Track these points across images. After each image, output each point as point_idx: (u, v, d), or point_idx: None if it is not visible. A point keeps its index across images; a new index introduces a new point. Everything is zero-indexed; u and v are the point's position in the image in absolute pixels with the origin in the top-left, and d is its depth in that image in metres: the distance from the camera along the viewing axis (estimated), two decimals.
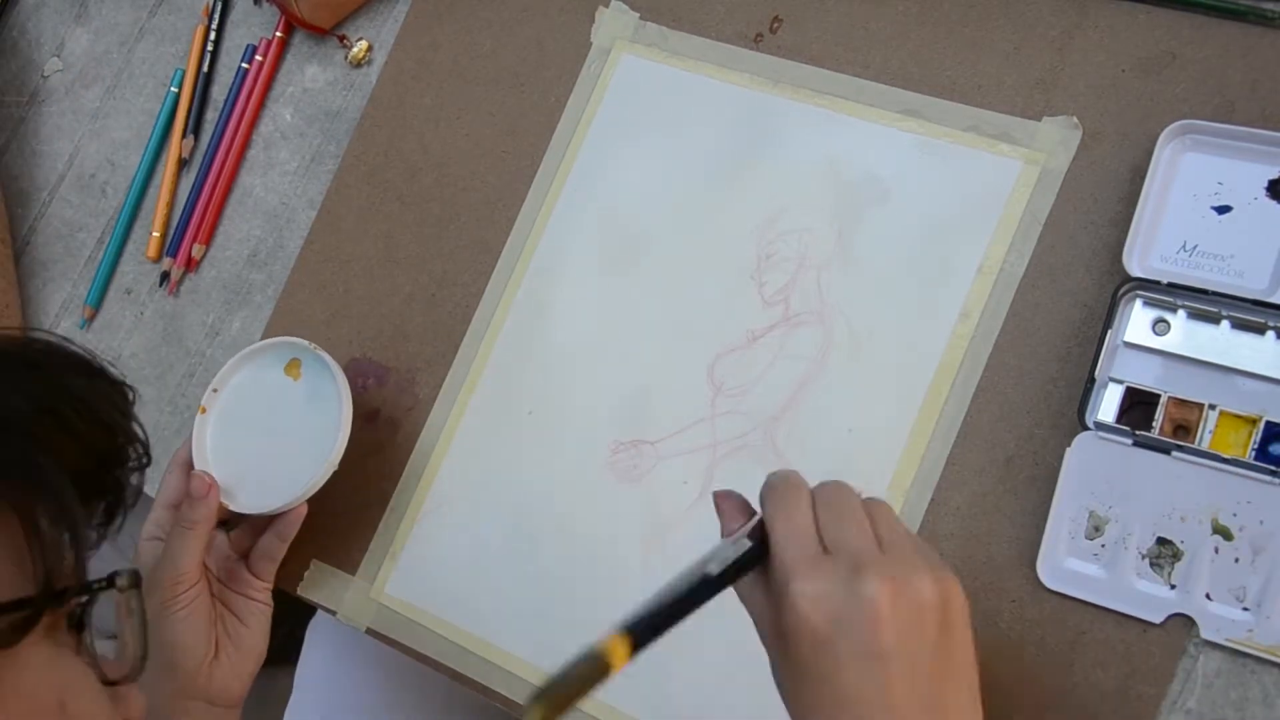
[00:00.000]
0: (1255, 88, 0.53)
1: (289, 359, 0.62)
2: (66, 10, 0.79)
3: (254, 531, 0.61)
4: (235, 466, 0.61)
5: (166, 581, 0.56)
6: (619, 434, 0.60)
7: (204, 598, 0.57)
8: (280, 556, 0.60)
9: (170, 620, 0.56)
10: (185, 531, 0.57)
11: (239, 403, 0.63)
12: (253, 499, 0.60)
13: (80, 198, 0.76)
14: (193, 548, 0.57)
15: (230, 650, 0.58)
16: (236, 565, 0.61)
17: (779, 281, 0.59)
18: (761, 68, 0.62)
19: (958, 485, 0.54)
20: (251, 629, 0.59)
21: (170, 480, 0.62)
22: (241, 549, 0.61)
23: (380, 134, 0.69)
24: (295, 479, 0.59)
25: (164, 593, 0.56)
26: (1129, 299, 0.52)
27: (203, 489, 0.58)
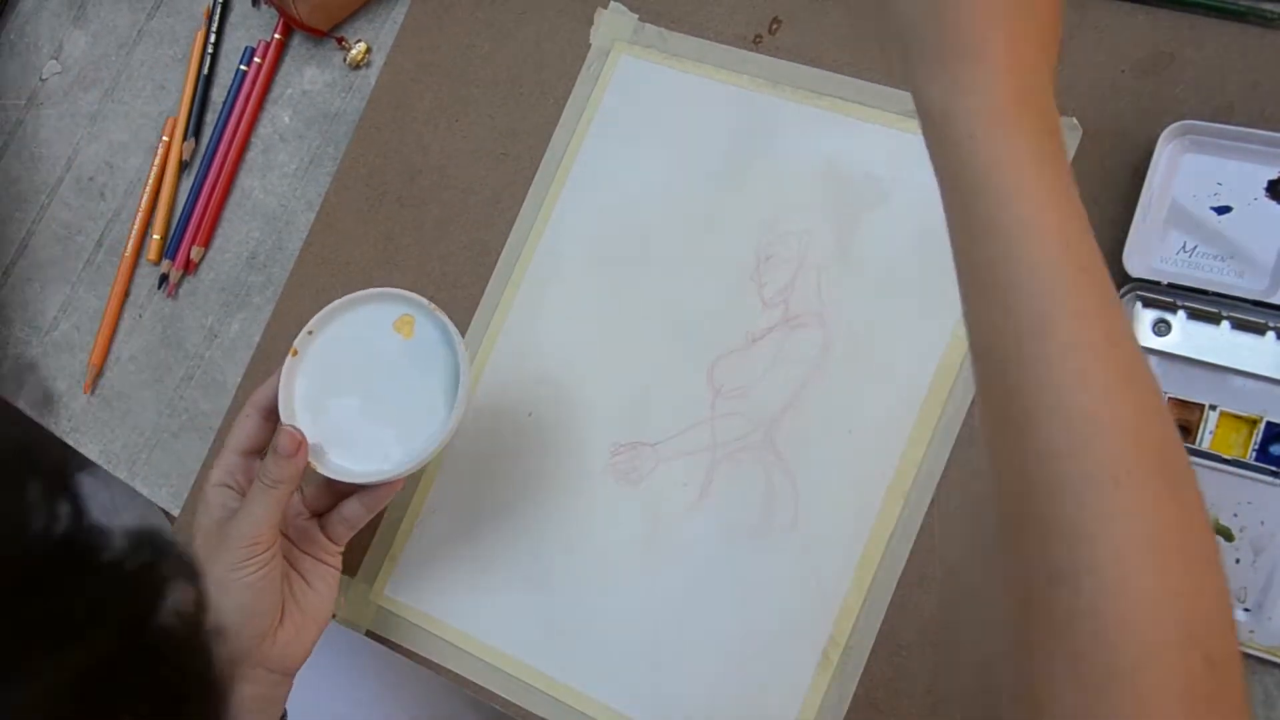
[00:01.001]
0: (1255, 88, 0.53)
1: (400, 314, 0.55)
2: (65, 13, 0.79)
3: (332, 493, 0.56)
4: (324, 423, 0.54)
5: (241, 542, 0.51)
6: (619, 436, 0.60)
7: (277, 560, 0.52)
8: (361, 524, 0.56)
9: (241, 584, 0.51)
10: (267, 490, 0.52)
11: (336, 352, 0.55)
12: (346, 463, 0.54)
13: (79, 200, 0.75)
14: (273, 509, 0.52)
15: (296, 615, 0.54)
16: (309, 524, 0.56)
17: (779, 282, 0.59)
18: (761, 69, 0.62)
19: (958, 485, 0.54)
20: (320, 593, 0.55)
21: (247, 425, 0.55)
22: (316, 507, 0.57)
23: (379, 136, 0.69)
24: (393, 449, 0.53)
25: (236, 553, 0.51)
26: (1129, 299, 0.52)
27: (292, 446, 0.52)
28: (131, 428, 0.70)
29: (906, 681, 0.53)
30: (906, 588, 0.54)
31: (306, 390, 0.55)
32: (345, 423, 0.54)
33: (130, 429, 0.70)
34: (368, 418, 0.54)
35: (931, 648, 0.53)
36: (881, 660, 0.53)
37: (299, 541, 0.56)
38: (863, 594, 0.54)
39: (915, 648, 0.53)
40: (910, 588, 0.54)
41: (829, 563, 0.55)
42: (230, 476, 0.55)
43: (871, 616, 0.54)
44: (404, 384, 0.54)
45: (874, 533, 0.55)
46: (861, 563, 0.54)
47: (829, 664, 0.54)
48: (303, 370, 0.55)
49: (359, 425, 0.54)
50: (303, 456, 0.53)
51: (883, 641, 0.53)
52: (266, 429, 0.56)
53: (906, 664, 0.53)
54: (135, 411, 0.71)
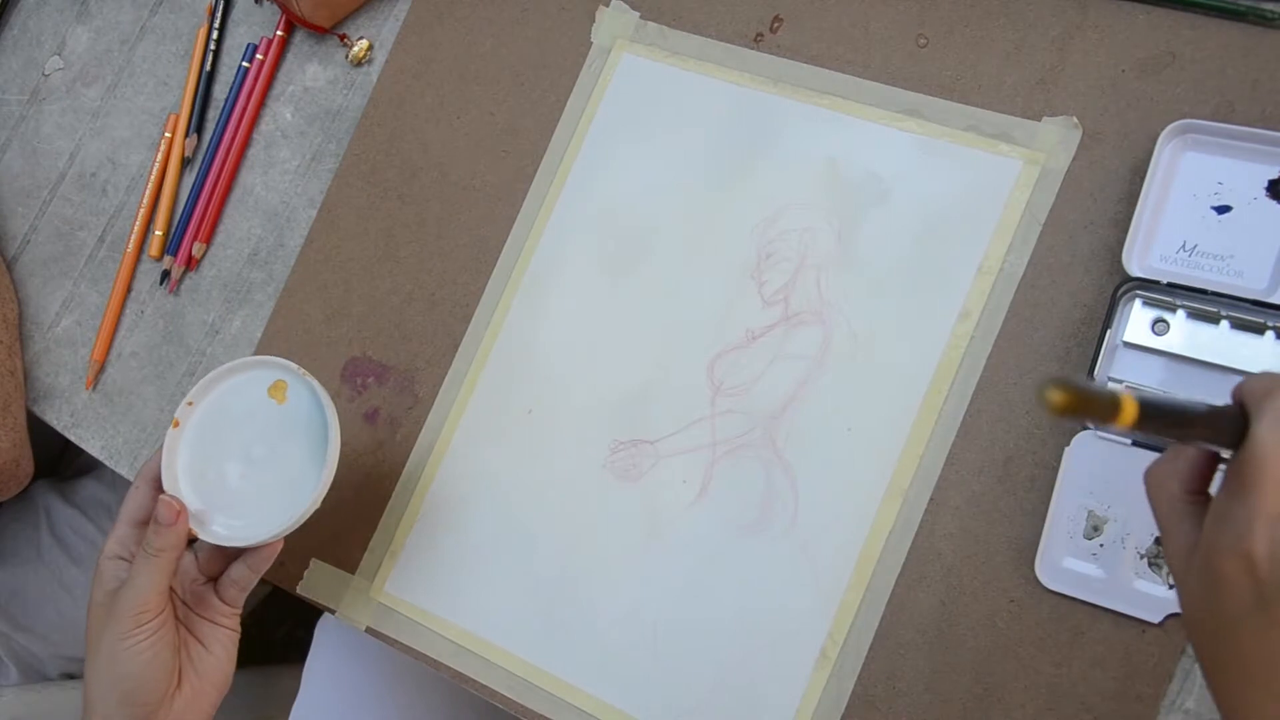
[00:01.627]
0: (1255, 88, 0.54)
1: (273, 380, 0.57)
2: (68, 9, 0.79)
3: (224, 556, 0.57)
4: (208, 489, 0.56)
5: (129, 611, 0.52)
6: (618, 433, 0.60)
7: (168, 627, 0.53)
8: (251, 586, 0.56)
9: (131, 653, 0.52)
10: (150, 559, 0.53)
11: (216, 421, 0.57)
12: (225, 529, 0.55)
13: (81, 196, 0.76)
14: (158, 577, 0.53)
15: (194, 679, 0.54)
16: (204, 589, 0.57)
17: (779, 281, 0.59)
18: (762, 67, 0.62)
19: (957, 485, 0.54)
20: (216, 656, 0.55)
21: (136, 496, 0.57)
22: (210, 571, 0.57)
23: (380, 133, 0.69)
24: (273, 511, 0.55)
25: (125, 622, 0.52)
26: (1128, 299, 0.52)
27: (171, 515, 0.53)
28: (133, 424, 0.71)
29: (904, 679, 0.53)
30: (905, 586, 0.54)
31: (189, 459, 0.57)
32: (226, 489, 0.56)
33: (132, 425, 0.71)
34: (248, 482, 0.56)
35: (930, 646, 0.53)
36: (880, 658, 0.54)
37: (195, 606, 0.57)
38: (861, 592, 0.54)
39: (913, 646, 0.53)
40: (909, 586, 0.54)
41: (828, 560, 0.55)
42: (124, 548, 0.56)
43: (870, 614, 0.54)
44: (280, 448, 0.56)
45: (873, 530, 0.55)
46: (860, 560, 0.55)
47: (827, 661, 0.54)
48: (184, 440, 0.57)
49: (239, 490, 0.56)
50: (183, 524, 0.54)
51: (881, 639, 0.54)
52: (156, 499, 0.56)
53: (904, 662, 0.53)
54: (137, 407, 0.71)
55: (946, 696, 0.53)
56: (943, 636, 0.53)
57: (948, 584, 0.53)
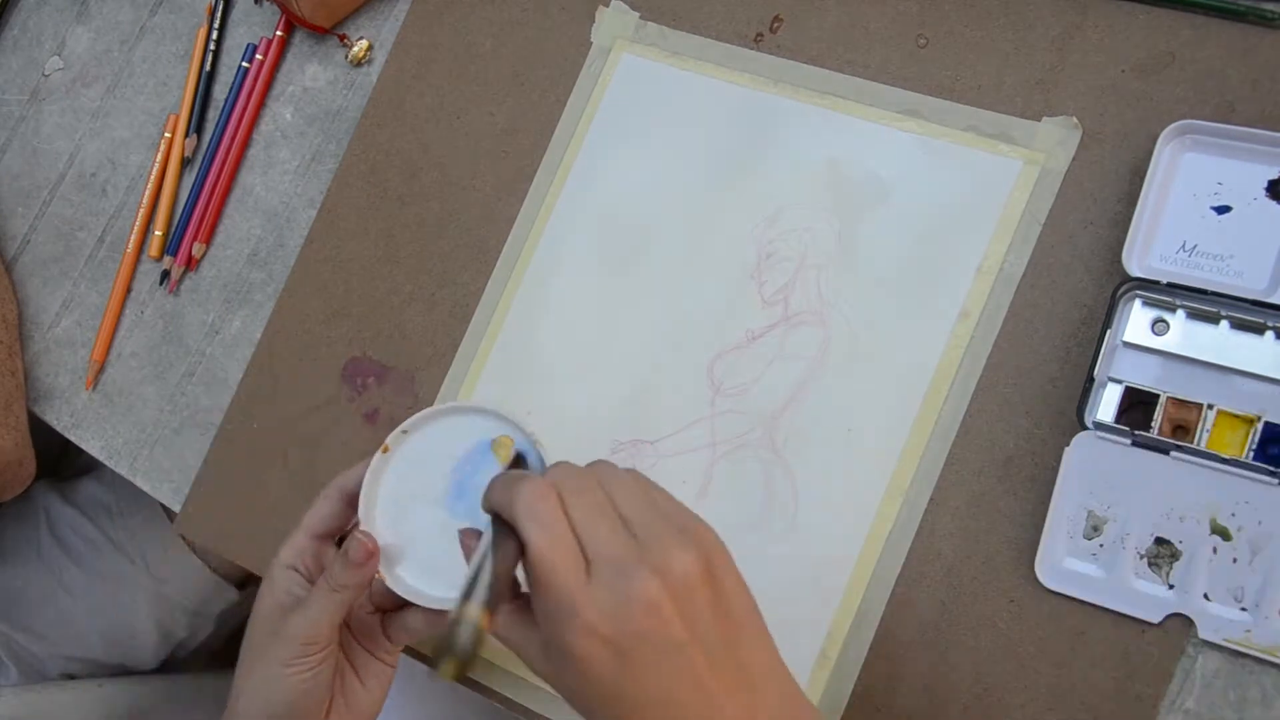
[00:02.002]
0: (1255, 88, 0.54)
1: (500, 434, 0.51)
2: (67, 9, 0.79)
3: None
4: (405, 530, 0.51)
5: (298, 638, 0.50)
6: (618, 433, 0.60)
7: (331, 660, 0.51)
8: (422, 638, 0.54)
9: (291, 681, 0.50)
10: (330, 593, 0.50)
11: (429, 458, 0.52)
12: (417, 581, 0.51)
13: (81, 196, 0.76)
14: (334, 614, 0.50)
15: (343, 710, 0.52)
16: (371, 619, 0.54)
17: (779, 281, 0.59)
18: (762, 67, 0.62)
19: (957, 485, 0.54)
20: (370, 690, 0.53)
21: (324, 508, 0.53)
22: (382, 605, 0.54)
23: (380, 133, 0.69)
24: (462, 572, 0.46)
25: (291, 649, 0.50)
26: (1128, 299, 0.52)
27: (363, 555, 0.50)
28: (133, 424, 0.71)
29: (904, 679, 0.53)
30: (905, 586, 0.54)
31: (391, 491, 0.52)
32: (424, 535, 0.51)
33: (132, 425, 0.71)
34: (448, 535, 0.50)
35: (930, 646, 0.53)
36: (880, 658, 0.54)
37: (359, 634, 0.54)
38: (861, 592, 0.54)
39: (913, 646, 0.53)
40: (909, 586, 0.54)
41: (827, 560, 0.55)
42: (299, 560, 0.53)
43: (870, 614, 0.54)
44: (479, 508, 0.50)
45: (873, 530, 0.55)
46: (860, 560, 0.55)
47: (827, 661, 0.54)
48: (391, 469, 0.52)
49: (437, 541, 0.51)
50: (372, 567, 0.50)
51: (881, 639, 0.54)
52: (345, 515, 0.53)
53: (904, 662, 0.53)
54: (137, 408, 0.71)
55: (946, 696, 0.53)
56: (943, 636, 0.53)
57: (948, 584, 0.53)
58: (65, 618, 0.82)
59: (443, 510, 0.51)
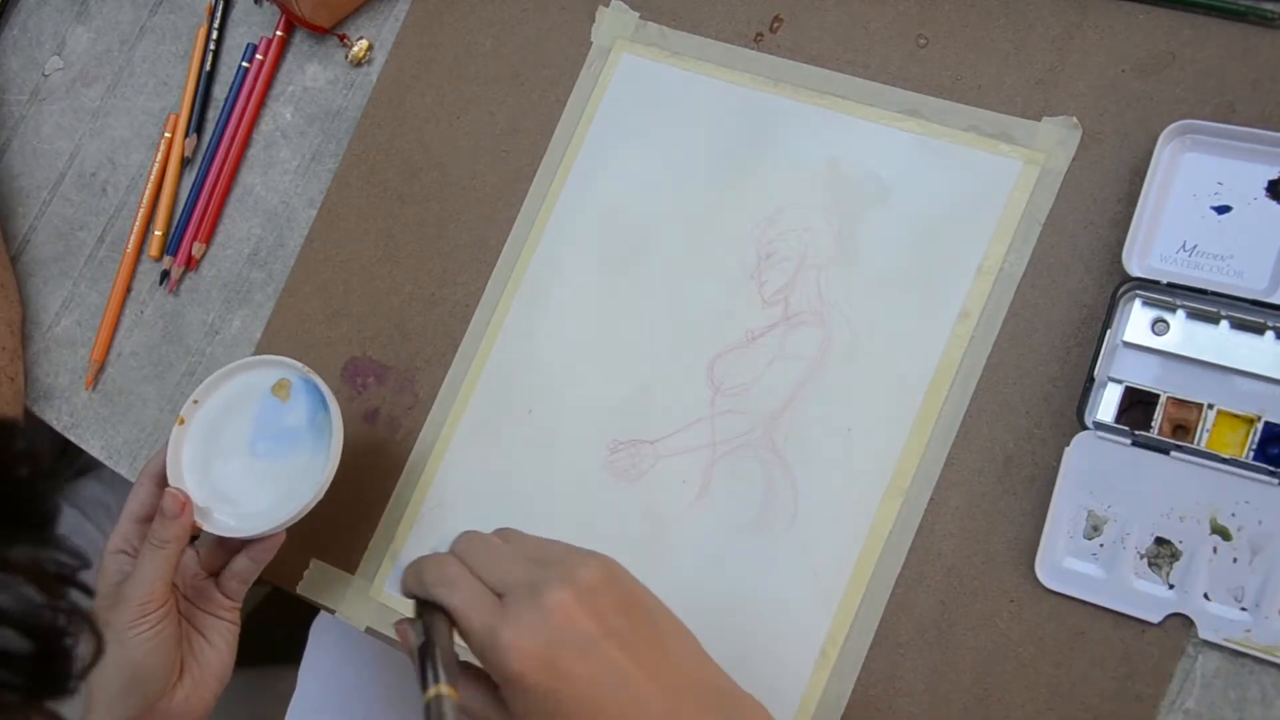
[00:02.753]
0: (1255, 88, 0.54)
1: (278, 379, 0.59)
2: (67, 9, 0.79)
3: (225, 550, 0.59)
4: (211, 485, 0.58)
5: (133, 602, 0.54)
6: (618, 433, 0.60)
7: (172, 618, 0.55)
8: (253, 579, 0.58)
9: (135, 641, 0.53)
10: (155, 550, 0.55)
11: (220, 418, 0.59)
12: (228, 521, 0.57)
13: (81, 196, 0.76)
14: (163, 568, 0.54)
15: (195, 670, 0.56)
16: (205, 583, 0.58)
17: (779, 281, 0.59)
18: (762, 67, 0.62)
19: (957, 485, 0.54)
20: (218, 648, 0.57)
21: (140, 493, 0.58)
22: (211, 567, 0.59)
23: (380, 133, 0.69)
24: (275, 505, 0.57)
25: (130, 613, 0.54)
26: (1128, 299, 0.52)
27: (176, 507, 0.55)
28: (133, 424, 0.71)
29: (904, 679, 0.53)
30: (905, 586, 0.54)
31: (193, 455, 0.59)
32: (230, 484, 0.58)
33: (132, 425, 0.71)
34: (251, 477, 0.58)
35: (930, 646, 0.53)
36: (879, 658, 0.54)
37: (196, 600, 0.58)
38: (861, 592, 0.54)
39: (913, 646, 0.53)
40: (909, 586, 0.54)
41: (827, 560, 0.55)
42: (127, 543, 0.57)
43: (870, 614, 0.54)
44: (284, 444, 0.58)
45: (872, 530, 0.55)
46: (860, 560, 0.55)
47: (827, 661, 0.54)
48: (189, 437, 0.59)
49: (243, 485, 0.58)
50: (188, 516, 0.55)
51: (881, 639, 0.54)
52: (159, 495, 0.57)
53: (904, 662, 0.53)
54: (137, 407, 0.71)
55: (946, 696, 0.52)
56: (943, 636, 0.53)
57: (948, 584, 0.53)
58: None
59: (246, 457, 0.58)
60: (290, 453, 0.58)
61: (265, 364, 0.60)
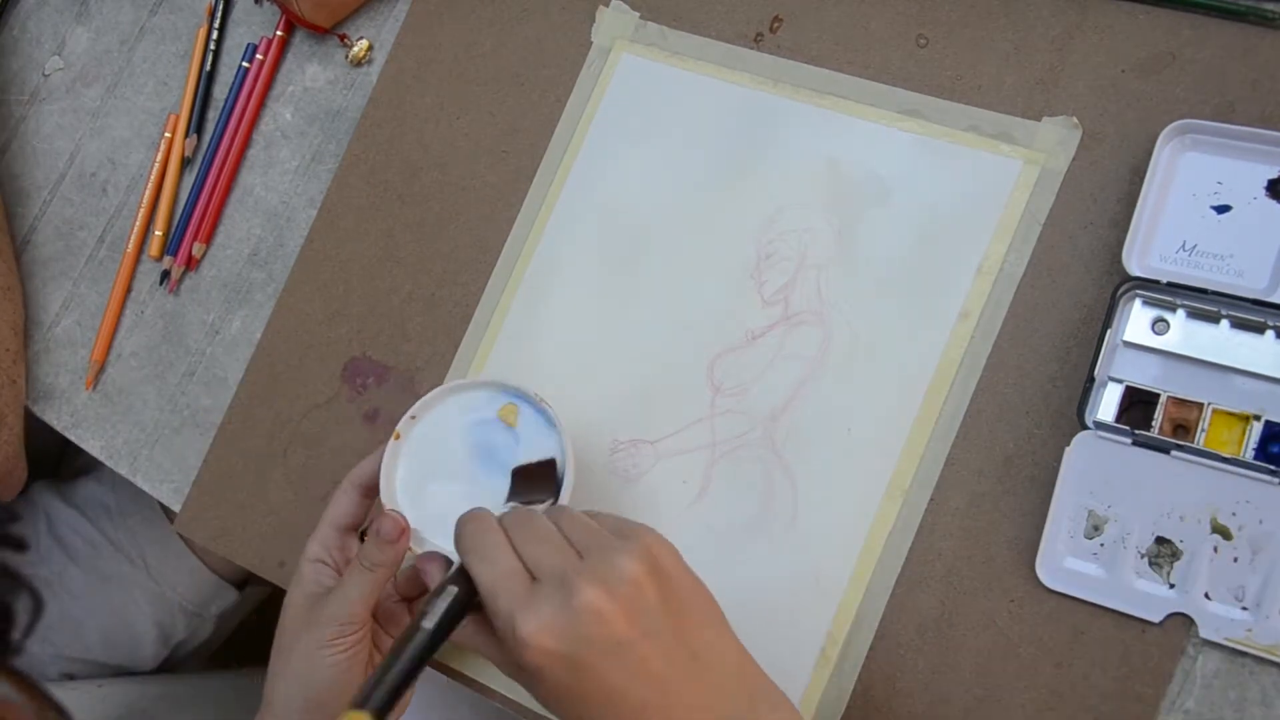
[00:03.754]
0: (1255, 88, 0.54)
1: (505, 403, 0.56)
2: (67, 9, 0.79)
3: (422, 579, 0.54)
4: (424, 506, 0.54)
5: (333, 621, 0.52)
6: (618, 433, 0.60)
7: (366, 643, 0.53)
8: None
9: (327, 662, 0.52)
10: (365, 572, 0.52)
11: (438, 437, 0.56)
12: (442, 547, 0.53)
13: (81, 196, 0.76)
14: (369, 591, 0.52)
15: None
16: (398, 607, 0.57)
17: (779, 281, 0.59)
18: (762, 67, 0.62)
19: (957, 485, 0.54)
20: None
21: (344, 501, 0.56)
22: (407, 593, 0.57)
23: (380, 133, 0.69)
24: None
25: (328, 630, 0.52)
26: (1128, 298, 0.52)
27: (395, 532, 0.52)
28: (133, 424, 0.71)
29: (905, 679, 0.53)
30: (905, 585, 0.54)
31: (407, 474, 0.55)
32: (444, 509, 0.53)
33: (132, 425, 0.71)
34: (467, 503, 0.52)
35: (930, 646, 0.53)
36: (880, 658, 0.53)
37: (386, 624, 0.56)
38: (861, 592, 0.54)
39: (914, 646, 0.53)
40: (909, 586, 0.54)
41: (828, 560, 0.55)
42: (326, 552, 0.55)
43: (870, 614, 0.54)
44: (505, 473, 0.54)
45: (873, 530, 0.55)
46: (860, 560, 0.55)
47: (827, 661, 0.54)
48: (405, 454, 0.56)
49: (458, 511, 0.52)
50: (404, 543, 0.53)
51: (881, 639, 0.54)
52: (364, 506, 0.56)
53: (905, 662, 0.53)
54: (137, 408, 0.71)
55: (946, 696, 0.52)
56: (943, 636, 0.53)
57: (948, 584, 0.53)
58: (65, 618, 0.82)
59: (465, 482, 0.55)
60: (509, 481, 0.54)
61: (491, 386, 0.56)
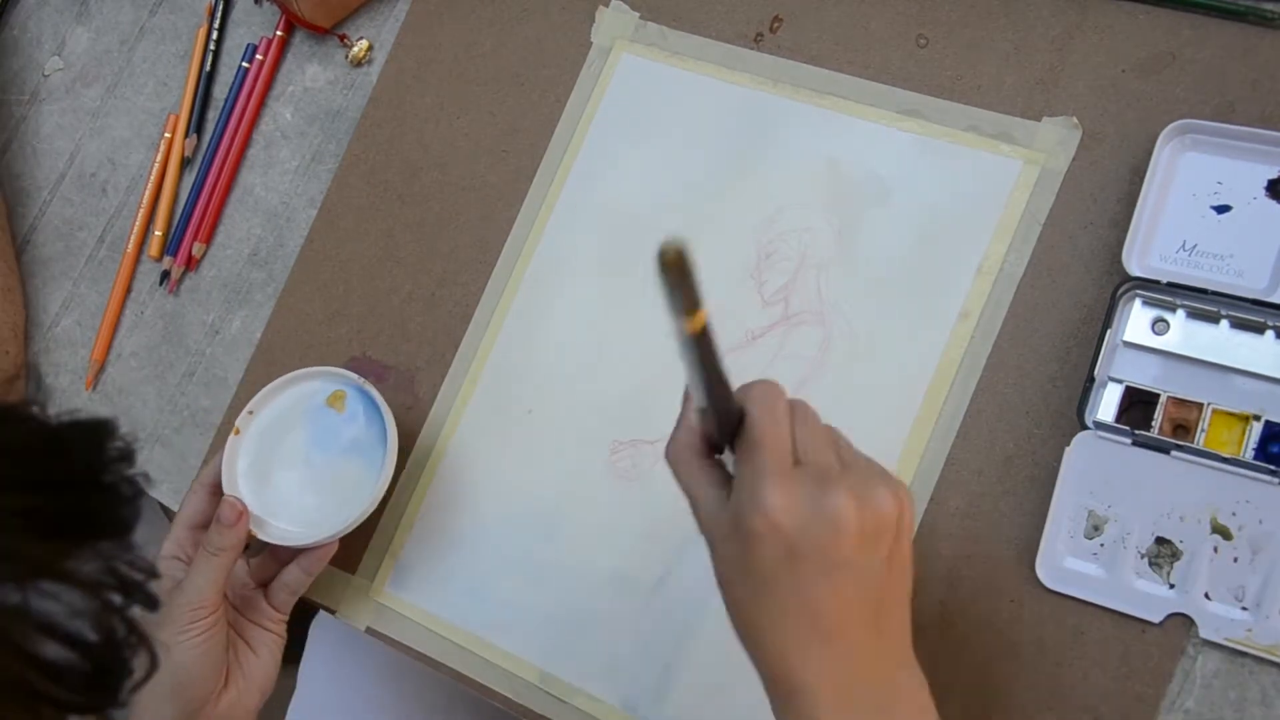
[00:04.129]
0: (1255, 88, 0.54)
1: (333, 390, 0.60)
2: (67, 9, 0.79)
3: (276, 561, 0.59)
4: (266, 494, 0.59)
5: (185, 607, 0.54)
6: (618, 433, 0.60)
7: (221, 626, 0.55)
8: (302, 590, 0.59)
9: (185, 647, 0.54)
10: (210, 558, 0.55)
11: (275, 428, 0.60)
12: (282, 530, 0.58)
13: (81, 196, 0.76)
14: (217, 576, 0.55)
15: (240, 680, 0.57)
16: (254, 593, 0.59)
17: (779, 281, 0.59)
18: (762, 67, 0.62)
19: (957, 485, 0.54)
20: (262, 659, 0.58)
21: (194, 500, 0.60)
22: (261, 577, 0.60)
23: (380, 133, 0.69)
24: (329, 514, 0.58)
25: (181, 618, 0.54)
26: (1128, 298, 0.52)
27: (233, 515, 0.56)
28: (133, 424, 0.71)
29: None
30: None
31: (248, 465, 0.60)
32: (285, 494, 0.59)
33: (132, 425, 0.71)
34: (305, 488, 0.59)
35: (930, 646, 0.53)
36: None
37: (244, 610, 0.59)
38: None
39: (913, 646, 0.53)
40: None
41: None
42: (180, 549, 0.59)
43: None
44: (338, 455, 0.59)
45: None
46: None
47: None
48: (244, 448, 0.60)
49: (297, 495, 0.59)
50: (243, 525, 0.56)
51: None
52: (213, 504, 0.59)
53: None
54: (137, 408, 0.71)
55: (946, 696, 0.52)
56: (943, 636, 0.53)
57: (948, 584, 0.53)
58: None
59: (296, 469, 0.59)
60: (344, 465, 0.59)
61: (320, 375, 0.61)
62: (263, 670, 0.58)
